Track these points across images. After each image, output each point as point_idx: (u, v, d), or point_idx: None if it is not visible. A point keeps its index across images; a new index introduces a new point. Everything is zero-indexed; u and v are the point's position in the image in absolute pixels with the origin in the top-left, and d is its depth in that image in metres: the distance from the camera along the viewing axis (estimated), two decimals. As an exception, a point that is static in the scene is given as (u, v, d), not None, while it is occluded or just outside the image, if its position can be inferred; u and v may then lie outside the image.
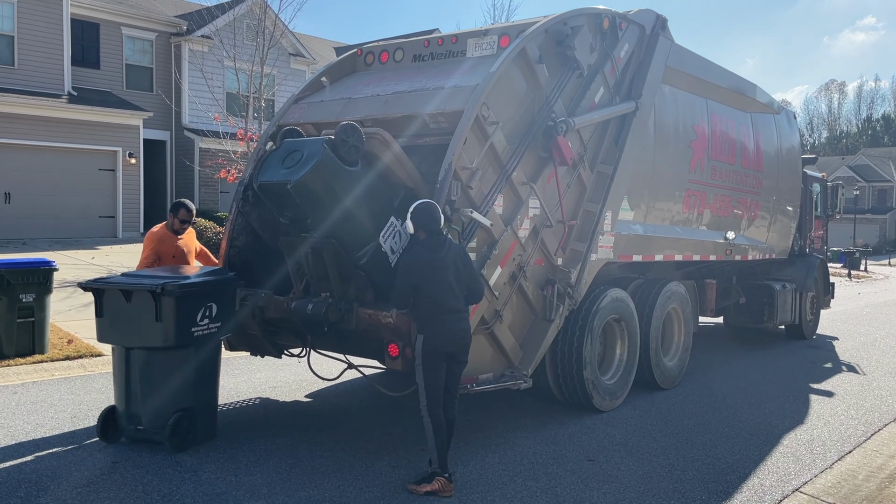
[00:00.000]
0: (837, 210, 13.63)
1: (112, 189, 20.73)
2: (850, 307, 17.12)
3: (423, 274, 4.72)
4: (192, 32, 23.49)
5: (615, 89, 6.96)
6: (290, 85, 23.56)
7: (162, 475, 4.84)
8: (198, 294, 5.30)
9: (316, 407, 6.78)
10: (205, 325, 5.36)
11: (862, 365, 9.79)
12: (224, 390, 7.14)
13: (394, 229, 5.23)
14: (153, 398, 5.29)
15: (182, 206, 6.69)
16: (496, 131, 5.61)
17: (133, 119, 20.95)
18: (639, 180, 7.27)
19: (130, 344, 5.31)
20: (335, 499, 4.56)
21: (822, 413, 7.16)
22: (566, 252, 6.44)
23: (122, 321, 5.28)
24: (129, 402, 5.36)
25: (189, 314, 5.24)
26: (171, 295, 5.08)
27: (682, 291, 8.20)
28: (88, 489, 4.58)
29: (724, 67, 8.92)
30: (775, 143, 10.35)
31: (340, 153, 4.92)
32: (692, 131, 8.20)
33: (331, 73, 7.22)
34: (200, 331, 5.33)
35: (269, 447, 5.49)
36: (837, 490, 5.16)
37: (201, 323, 5.33)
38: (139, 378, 5.30)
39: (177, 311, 5.14)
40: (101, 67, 22.40)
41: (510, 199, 5.84)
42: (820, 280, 12.27)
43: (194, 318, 5.28)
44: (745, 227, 9.67)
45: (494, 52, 6.32)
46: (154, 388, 5.29)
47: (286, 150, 5.14)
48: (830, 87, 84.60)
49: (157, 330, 5.14)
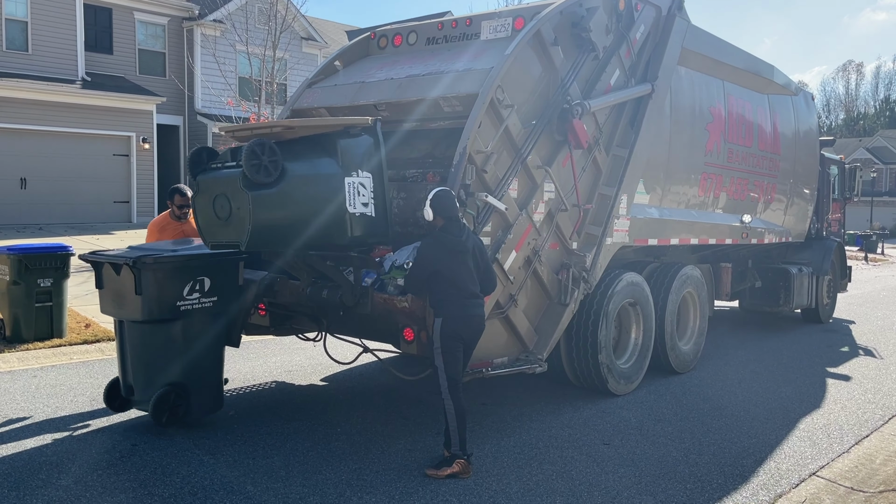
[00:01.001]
0: (856, 193, 13.47)
1: (126, 174, 20.84)
2: (867, 290, 16.98)
3: (445, 259, 4.74)
4: (204, 17, 23.46)
5: (631, 71, 6.89)
6: (302, 69, 23.52)
7: (181, 458, 4.90)
8: (182, 268, 5.23)
9: (331, 390, 6.82)
10: (194, 299, 5.28)
11: (879, 349, 9.71)
12: (240, 374, 7.21)
13: (353, 188, 4.94)
14: (142, 371, 5.33)
15: (176, 191, 6.65)
16: (511, 114, 5.57)
17: (146, 104, 21.01)
18: (654, 163, 7.21)
19: (120, 316, 5.39)
20: (352, 481, 4.60)
21: (838, 397, 7.12)
22: (581, 236, 6.41)
23: (114, 293, 5.34)
24: (125, 373, 5.45)
25: (172, 288, 5.18)
26: (147, 268, 5.06)
27: (697, 275, 8.15)
28: (108, 471, 4.63)
29: (740, 48, 8.80)
30: (792, 125, 10.23)
31: (261, 179, 4.52)
32: (708, 113, 8.11)
33: (344, 56, 7.19)
34: (189, 305, 5.26)
35: (286, 430, 5.54)
36: (854, 474, 5.14)
37: (189, 297, 5.26)
38: (129, 350, 5.36)
39: (157, 285, 5.12)
40: (113, 53, 22.45)
41: (525, 182, 5.81)
42: (836, 263, 12.16)
43: (179, 291, 5.20)
44: (761, 211, 9.58)
45: (509, 34, 6.26)
46: (142, 360, 5.32)
47: (209, 194, 4.80)
48: (848, 68, 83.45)
49: (136, 303, 5.12)
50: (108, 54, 22.28)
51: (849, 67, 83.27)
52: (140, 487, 4.40)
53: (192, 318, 5.32)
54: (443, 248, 4.78)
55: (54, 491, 4.32)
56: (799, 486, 4.86)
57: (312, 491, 4.44)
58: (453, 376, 4.74)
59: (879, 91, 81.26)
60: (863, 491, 4.84)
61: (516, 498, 4.46)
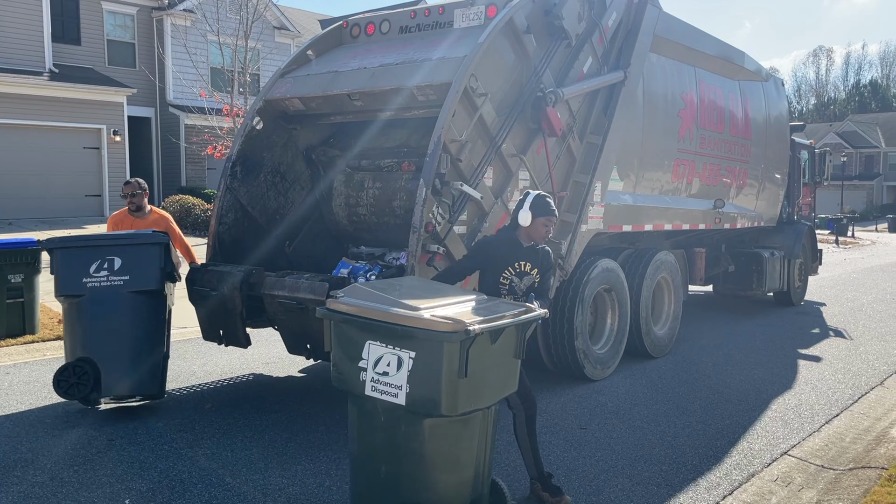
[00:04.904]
0: (825, 177, 13.70)
1: (97, 167, 20.54)
2: (838, 273, 17.29)
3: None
4: (174, 6, 23.12)
5: (603, 59, 6.92)
6: (275, 59, 23.29)
7: (158, 451, 4.87)
8: (86, 247, 5.54)
9: (310, 382, 6.82)
10: (102, 276, 5.50)
11: (849, 330, 9.91)
12: (217, 367, 7.18)
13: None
14: (66, 346, 5.60)
15: (125, 183, 6.71)
16: (485, 103, 5.58)
17: (116, 96, 20.69)
18: (628, 150, 7.27)
19: (56, 296, 5.66)
20: (331, 471, 4.61)
21: (810, 378, 7.27)
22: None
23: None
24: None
25: (78, 266, 5.46)
26: (53, 247, 5.53)
27: (671, 260, 8.25)
28: (85, 467, 4.60)
29: (711, 35, 8.88)
30: (763, 110, 10.36)
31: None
32: (681, 100, 8.18)
33: (317, 46, 7.14)
34: (96, 282, 5.48)
35: (265, 422, 5.53)
36: (825, 452, 5.26)
37: (97, 274, 5.48)
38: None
39: (62, 263, 5.48)
40: (81, 44, 22.05)
41: (500, 171, 5.83)
42: (808, 247, 12.37)
43: (86, 269, 5.46)
44: (733, 196, 9.70)
45: (482, 22, 6.26)
46: (64, 336, 5.67)
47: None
48: (818, 53, 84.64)
49: (55, 281, 5.53)
50: (75, 45, 21.88)
51: (819, 53, 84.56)
52: (117, 482, 4.38)
53: (101, 294, 5.48)
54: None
55: (29, 488, 4.28)
56: (771, 465, 4.97)
57: (292, 481, 4.45)
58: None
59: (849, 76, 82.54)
60: (833, 469, 4.96)
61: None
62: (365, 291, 3.64)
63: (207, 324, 6.13)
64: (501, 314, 3.49)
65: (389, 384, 3.36)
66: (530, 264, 4.35)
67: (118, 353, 5.46)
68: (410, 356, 3.31)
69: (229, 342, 6.07)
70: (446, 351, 3.20)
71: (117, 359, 5.45)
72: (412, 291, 3.73)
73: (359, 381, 3.47)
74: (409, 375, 3.30)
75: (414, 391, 3.29)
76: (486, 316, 3.41)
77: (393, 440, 3.44)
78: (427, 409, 3.30)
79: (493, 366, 3.47)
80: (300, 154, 7.10)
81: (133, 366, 5.53)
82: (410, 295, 3.60)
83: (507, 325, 3.46)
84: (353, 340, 3.49)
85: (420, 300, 3.51)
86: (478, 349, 3.27)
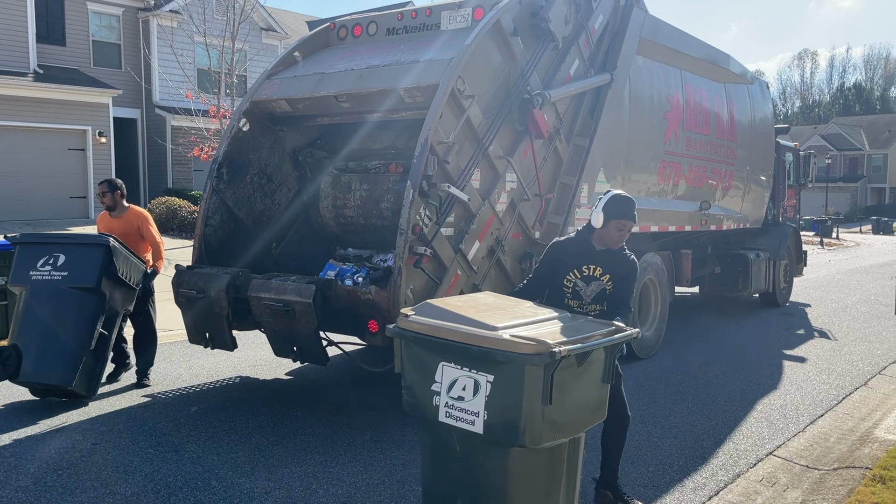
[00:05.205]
0: (810, 179, 13.82)
1: (83, 169, 20.37)
2: (822, 274, 17.43)
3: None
4: (160, 7, 22.98)
5: (590, 61, 6.95)
6: (262, 60, 23.20)
7: (143, 455, 4.84)
8: (40, 243, 6.05)
9: (296, 384, 6.79)
10: (45, 271, 5.91)
11: (833, 331, 9.99)
12: (203, 369, 7.14)
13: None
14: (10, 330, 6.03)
15: (98, 184, 6.97)
16: (472, 105, 5.59)
17: (102, 97, 20.53)
18: (614, 152, 7.30)
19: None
20: (318, 474, 4.59)
21: (795, 378, 7.32)
22: (543, 225, 6.47)
23: None
24: None
25: (29, 260, 5.94)
26: (16, 242, 6.08)
27: (658, 262, 8.29)
28: (69, 471, 4.56)
29: (697, 38, 8.94)
30: (749, 113, 10.43)
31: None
32: (667, 102, 8.23)
33: (303, 47, 7.12)
34: (39, 276, 5.89)
35: (251, 425, 5.50)
36: (810, 453, 5.30)
37: (42, 269, 5.91)
38: None
39: (18, 257, 6.01)
40: (66, 44, 21.87)
41: (487, 173, 5.84)
42: (793, 248, 12.47)
43: (35, 263, 5.92)
44: (719, 197, 9.76)
45: (469, 24, 6.27)
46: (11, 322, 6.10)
47: None
48: (803, 56, 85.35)
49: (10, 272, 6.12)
50: (60, 46, 21.69)
51: (804, 56, 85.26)
52: (101, 487, 4.34)
53: (39, 286, 5.87)
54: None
55: (13, 493, 4.23)
56: (756, 466, 5.00)
57: (278, 485, 4.42)
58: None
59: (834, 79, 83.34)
60: (817, 469, 4.99)
61: (482, 485, 4.50)
62: (437, 309, 3.39)
63: (193, 326, 6.10)
64: (588, 334, 3.20)
65: (465, 410, 3.07)
66: (601, 269, 4.04)
67: (39, 341, 5.76)
68: (488, 380, 3.02)
69: (215, 345, 6.04)
70: (528, 375, 2.91)
71: (37, 346, 5.75)
72: (488, 308, 3.46)
73: (431, 405, 3.19)
74: (486, 401, 3.02)
75: (492, 419, 3.00)
76: (571, 336, 3.13)
77: (469, 472, 3.16)
78: (507, 439, 3.00)
79: (579, 391, 3.18)
80: (287, 156, 7.08)
81: (49, 355, 5.74)
82: (487, 312, 3.34)
83: (594, 346, 3.16)
84: (426, 362, 3.23)
85: (497, 318, 3.23)
86: (563, 373, 2.98)
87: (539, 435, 2.99)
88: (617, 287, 4.05)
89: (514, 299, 3.86)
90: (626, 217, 4.02)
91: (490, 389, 3.02)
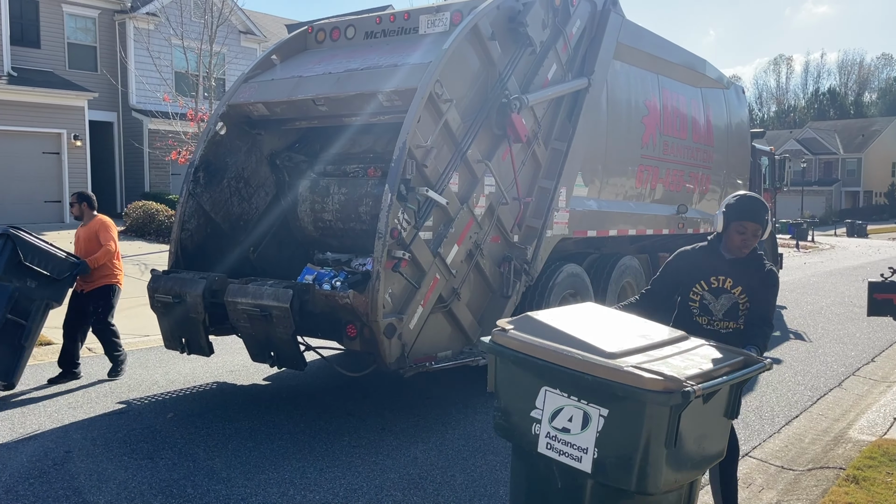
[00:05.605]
0: (785, 183, 13.98)
1: (57, 173, 20.10)
2: (798, 277, 17.64)
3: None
4: (137, 9, 22.76)
5: (568, 66, 6.98)
6: (240, 63, 23.03)
7: (117, 462, 4.77)
8: None
9: (274, 390, 6.74)
10: None
11: (808, 333, 10.11)
12: (180, 375, 7.06)
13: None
14: None
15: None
16: (450, 109, 5.59)
17: (77, 100, 20.28)
18: (592, 156, 7.33)
19: None
20: (295, 480, 4.56)
21: (770, 380, 7.39)
22: (522, 229, 6.48)
23: None
24: None
25: None
26: None
27: (636, 265, 8.34)
28: (41, 479, 4.48)
29: (674, 43, 9.02)
30: (725, 117, 10.54)
31: None
32: (644, 107, 8.29)
33: (281, 50, 7.09)
34: None
35: (228, 431, 5.45)
36: (785, 453, 5.35)
37: None
38: None
39: None
40: (41, 47, 21.58)
41: (466, 176, 5.84)
42: (768, 251, 12.59)
43: None
44: (696, 201, 9.85)
45: (447, 28, 6.27)
46: None
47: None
48: (779, 61, 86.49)
49: None
50: (35, 48, 21.40)
51: (780, 61, 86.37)
52: (74, 495, 4.27)
53: None
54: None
55: (-18, 502, 4.16)
56: (733, 467, 5.03)
57: (255, 491, 4.38)
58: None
59: (809, 84, 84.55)
60: (792, 469, 5.05)
61: (461, 489, 4.50)
62: (539, 324, 3.01)
63: (169, 332, 6.04)
64: (718, 366, 2.84)
65: (571, 444, 2.74)
66: (731, 280, 3.59)
67: None
68: (601, 414, 2.68)
69: (192, 350, 5.98)
70: (651, 413, 2.59)
71: None
72: (597, 327, 3.06)
73: (530, 433, 2.86)
74: (598, 437, 2.68)
75: (604, 457, 2.68)
76: (700, 369, 2.76)
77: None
78: (620, 482, 2.68)
79: (701, 429, 2.84)
80: (265, 159, 7.04)
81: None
82: (596, 332, 2.95)
83: (725, 382, 2.80)
84: (525, 385, 2.91)
85: (610, 341, 2.86)
86: (688, 410, 2.64)
87: (657, 480, 2.66)
88: (752, 302, 3.57)
89: (623, 315, 3.42)
90: (745, 218, 3.53)
91: (603, 424, 2.68)
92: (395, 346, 5.22)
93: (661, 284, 3.82)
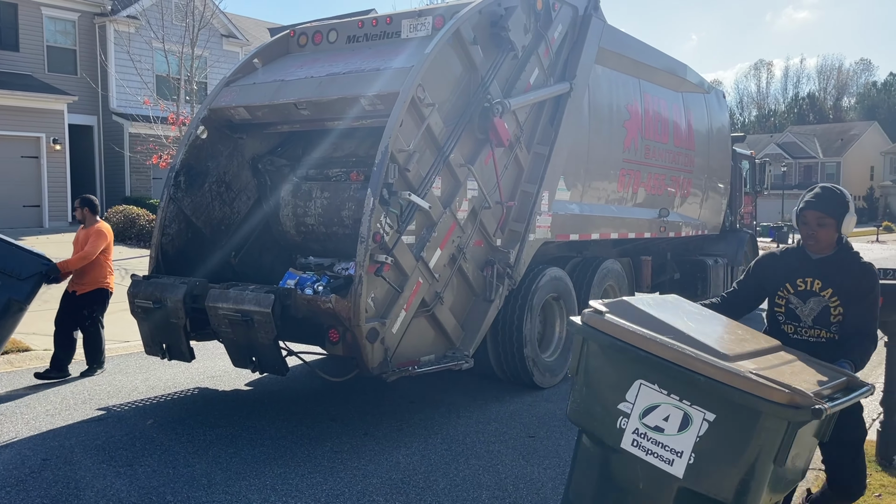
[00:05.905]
0: (766, 186, 14.12)
1: (36, 177, 19.90)
2: (779, 280, 17.77)
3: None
4: (118, 12, 22.60)
5: (549, 70, 7.01)
6: (222, 67, 22.92)
7: (95, 471, 4.71)
8: None
9: (256, 395, 6.69)
10: None
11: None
12: (160, 381, 7.00)
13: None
14: None
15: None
16: (432, 113, 5.59)
17: (56, 104, 20.10)
18: (574, 160, 7.36)
19: None
20: (277, 486, 4.52)
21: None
22: (505, 233, 6.49)
23: None
24: None
25: None
26: None
27: (618, 269, 8.37)
28: (17, 488, 4.42)
29: (655, 48, 9.08)
30: (706, 122, 10.62)
31: None
32: (626, 111, 8.34)
33: (263, 54, 7.06)
34: None
35: (209, 437, 5.40)
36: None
37: None
38: None
39: None
40: (20, 50, 21.37)
41: (448, 180, 5.84)
42: (750, 254, 12.69)
43: None
44: (678, 205, 9.92)
45: (429, 33, 6.28)
46: None
47: None
48: (759, 66, 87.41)
49: None
50: (13, 52, 21.18)
51: (760, 66, 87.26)
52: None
53: None
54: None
55: (-43, 512, 4.09)
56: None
57: (235, 498, 4.34)
58: None
59: (789, 89, 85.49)
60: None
61: (443, 494, 4.48)
62: (637, 311, 2.79)
63: (150, 337, 5.98)
64: (823, 386, 2.63)
65: (663, 445, 2.55)
66: (819, 281, 3.24)
67: None
68: (706, 418, 2.48)
69: (173, 356, 5.93)
70: (765, 426, 2.40)
71: None
72: (695, 322, 2.83)
73: (615, 427, 2.67)
74: (697, 441, 2.49)
75: (701, 465, 2.48)
76: (823, 385, 2.58)
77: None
78: (717, 494, 2.47)
79: (797, 448, 2.61)
80: (246, 163, 7.00)
81: None
82: (699, 328, 2.74)
83: (845, 403, 2.60)
84: (616, 374, 2.70)
85: (716, 339, 2.66)
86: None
87: (757, 497, 2.48)
88: (846, 307, 3.18)
89: (714, 313, 3.23)
90: (808, 206, 3.19)
91: (706, 430, 2.47)
92: (378, 350, 5.20)
93: (743, 286, 3.59)
